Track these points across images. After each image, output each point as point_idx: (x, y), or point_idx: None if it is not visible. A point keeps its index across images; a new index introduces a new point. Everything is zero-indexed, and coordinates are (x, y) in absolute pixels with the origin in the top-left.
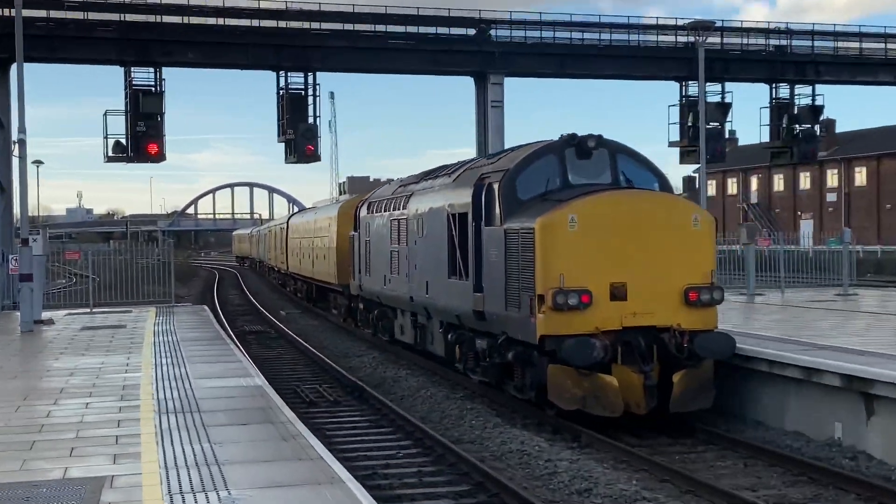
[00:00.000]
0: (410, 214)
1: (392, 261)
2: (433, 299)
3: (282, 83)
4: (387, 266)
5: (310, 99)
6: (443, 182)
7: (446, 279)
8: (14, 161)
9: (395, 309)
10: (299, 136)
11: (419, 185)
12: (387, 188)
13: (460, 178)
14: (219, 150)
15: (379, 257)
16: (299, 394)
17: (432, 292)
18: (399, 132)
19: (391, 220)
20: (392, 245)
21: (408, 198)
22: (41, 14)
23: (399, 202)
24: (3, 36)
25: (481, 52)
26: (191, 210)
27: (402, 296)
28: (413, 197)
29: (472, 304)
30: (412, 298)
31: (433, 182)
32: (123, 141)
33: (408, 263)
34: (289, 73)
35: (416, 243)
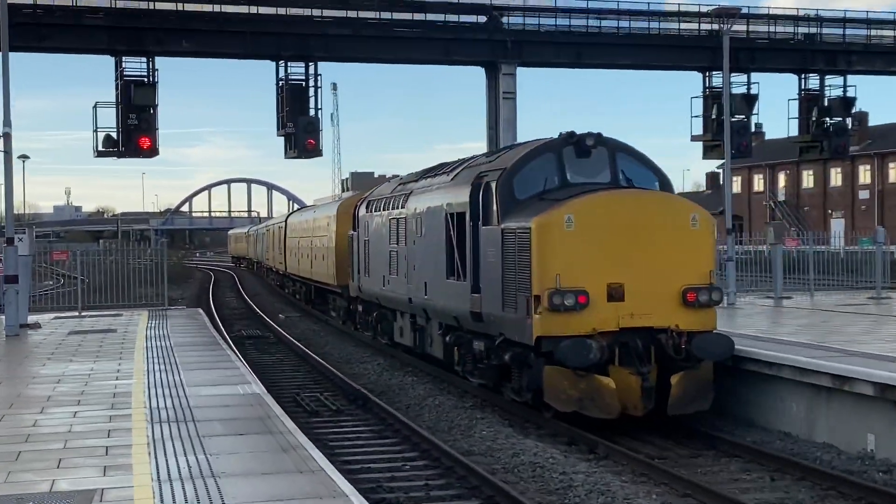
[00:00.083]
0: (409, 214)
1: (391, 261)
2: (432, 300)
3: (281, 73)
4: (386, 267)
5: (311, 90)
6: (441, 181)
7: (444, 280)
8: None
9: (395, 311)
10: (300, 130)
11: (418, 184)
12: (386, 186)
13: (458, 177)
14: (215, 145)
15: (378, 258)
16: (299, 402)
17: (431, 293)
18: (405, 125)
19: (390, 220)
20: (391, 245)
21: (406, 196)
22: (27, 0)
23: (398, 201)
24: None
25: (492, 41)
26: (185, 208)
27: (401, 297)
28: (412, 196)
29: (470, 306)
30: (411, 300)
31: (432, 181)
32: (114, 135)
33: (406, 264)
34: (289, 63)
35: (415, 243)
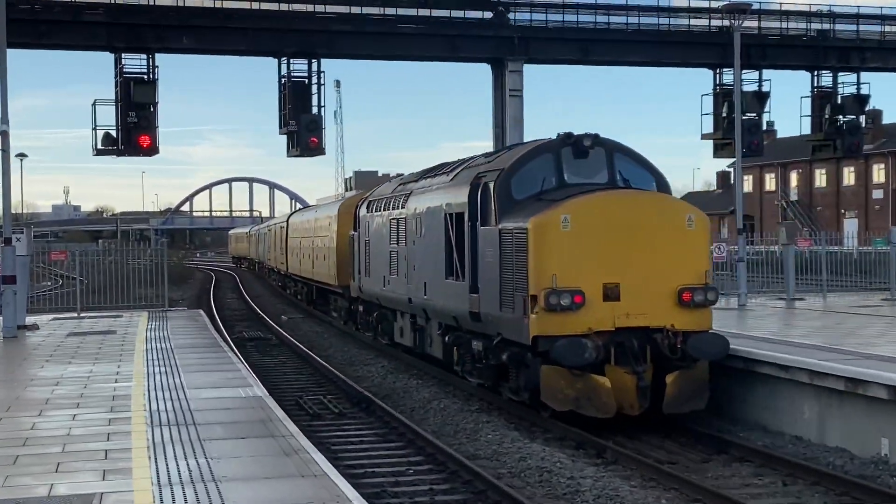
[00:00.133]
0: (409, 214)
1: (391, 261)
2: (431, 300)
3: (284, 71)
4: (386, 267)
5: (314, 87)
6: (441, 181)
7: (443, 280)
8: None
9: (395, 311)
10: (302, 128)
11: (418, 184)
12: (387, 186)
13: (458, 178)
14: (216, 143)
15: (378, 258)
16: (302, 405)
17: (430, 293)
18: (410, 123)
19: (390, 220)
20: (391, 245)
21: (407, 196)
22: None
23: (398, 201)
24: None
25: (499, 37)
26: (185, 207)
27: (401, 297)
28: (412, 196)
29: (469, 306)
30: (411, 300)
31: (432, 181)
32: (114, 133)
33: (406, 264)
34: (291, 60)
35: (415, 243)
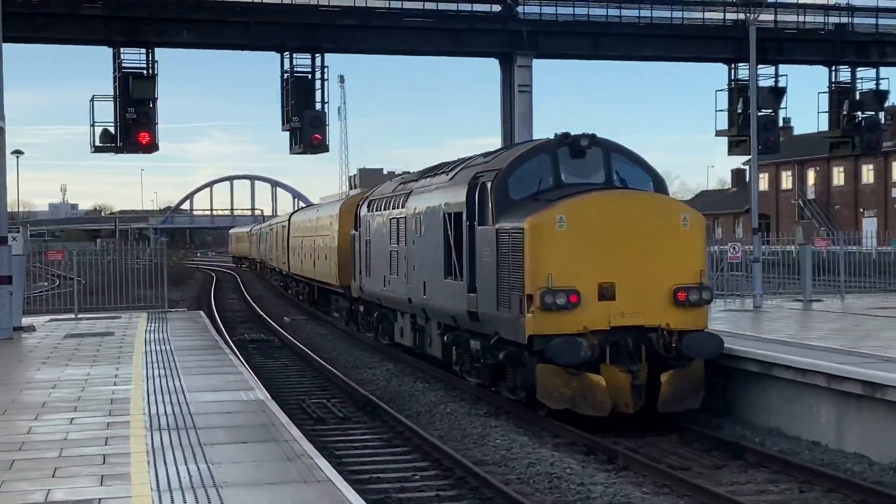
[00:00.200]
0: (409, 213)
1: (391, 261)
2: (430, 300)
3: (286, 65)
4: (386, 267)
5: (317, 83)
6: (440, 181)
7: (443, 280)
8: None
9: (395, 311)
10: (305, 124)
11: (418, 184)
12: (388, 185)
13: (457, 177)
14: (217, 140)
15: (379, 258)
16: (305, 409)
17: (429, 293)
18: (416, 120)
19: (390, 220)
20: (391, 245)
21: (407, 196)
22: None
23: (398, 200)
24: None
25: (507, 31)
26: (186, 206)
27: (401, 297)
28: (412, 195)
29: (467, 305)
30: (411, 300)
31: (431, 180)
32: (112, 129)
33: (406, 264)
34: (294, 55)
35: (415, 243)
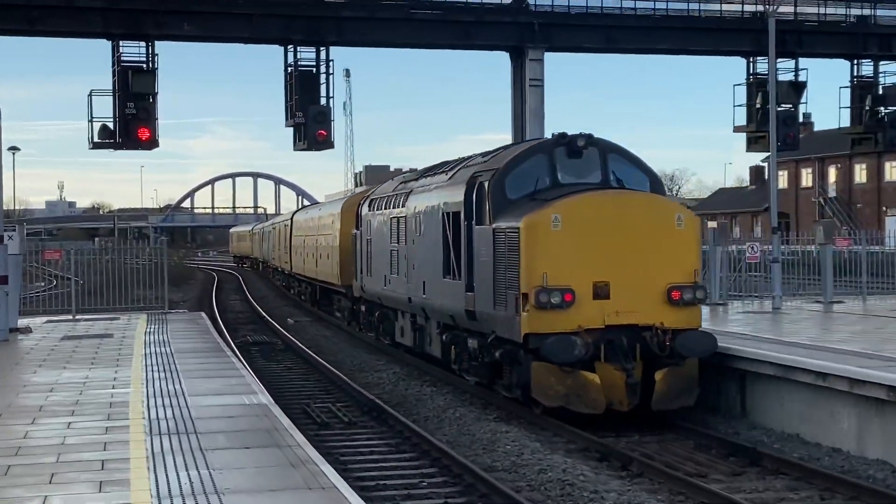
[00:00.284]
0: (409, 213)
1: (392, 261)
2: (430, 300)
3: (290, 59)
4: (387, 266)
5: (322, 77)
6: (439, 180)
7: (441, 279)
8: None
9: (396, 311)
10: (310, 120)
11: (418, 183)
12: (389, 184)
13: (455, 177)
14: (218, 136)
15: (380, 257)
16: (309, 413)
17: (429, 292)
18: (424, 115)
19: (391, 219)
20: (392, 244)
21: (407, 195)
22: None
23: (398, 200)
24: None
25: (518, 24)
26: (186, 204)
27: (402, 297)
28: (412, 195)
29: (465, 304)
30: (411, 299)
31: (431, 179)
32: (111, 125)
33: (406, 263)
34: (298, 48)
35: (415, 243)
